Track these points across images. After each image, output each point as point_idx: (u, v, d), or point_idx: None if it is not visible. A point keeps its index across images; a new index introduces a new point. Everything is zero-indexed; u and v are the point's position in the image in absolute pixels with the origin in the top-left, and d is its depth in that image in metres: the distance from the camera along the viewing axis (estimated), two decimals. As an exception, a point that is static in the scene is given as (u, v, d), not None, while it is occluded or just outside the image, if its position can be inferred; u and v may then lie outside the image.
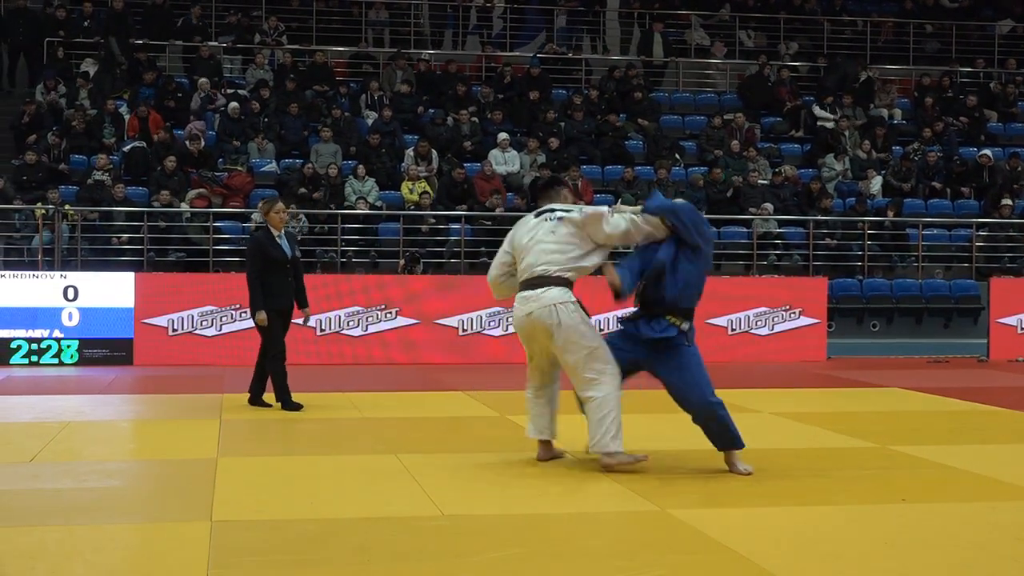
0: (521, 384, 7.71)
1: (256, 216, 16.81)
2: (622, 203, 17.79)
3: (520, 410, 8.15)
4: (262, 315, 9.97)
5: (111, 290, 14.34)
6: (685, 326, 7.12)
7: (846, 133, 20.22)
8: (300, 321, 10.51)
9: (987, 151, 20.18)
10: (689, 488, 6.82)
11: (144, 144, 17.96)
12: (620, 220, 7.11)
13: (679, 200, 7.61)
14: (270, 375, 10.20)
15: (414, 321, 14.86)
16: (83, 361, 14.17)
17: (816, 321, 15.79)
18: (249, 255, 10.22)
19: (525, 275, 7.18)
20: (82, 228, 16.09)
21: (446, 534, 5.79)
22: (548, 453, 7.51)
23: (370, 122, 19.29)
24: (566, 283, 7.11)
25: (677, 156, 19.64)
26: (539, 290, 7.06)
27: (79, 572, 5.11)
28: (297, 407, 10.09)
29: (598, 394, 7.01)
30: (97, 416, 10.08)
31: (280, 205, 10.25)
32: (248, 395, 10.43)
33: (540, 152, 18.81)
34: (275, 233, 10.10)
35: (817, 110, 20.76)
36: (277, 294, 10.09)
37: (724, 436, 7.23)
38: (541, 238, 7.15)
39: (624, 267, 7.23)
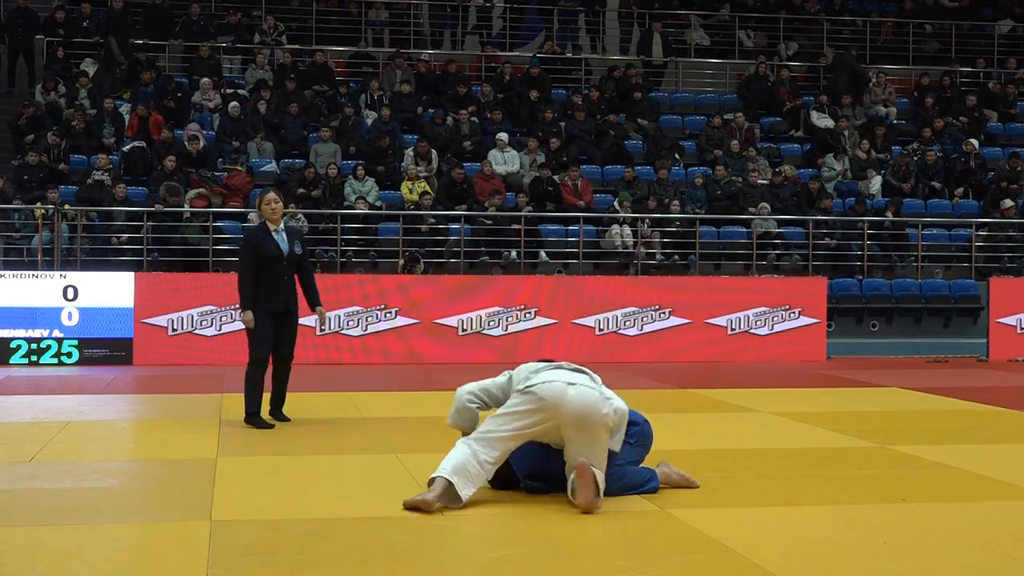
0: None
1: (253, 216, 16.84)
2: (618, 202, 17.83)
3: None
4: (248, 315, 9.05)
5: (111, 290, 14.33)
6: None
7: (845, 133, 20.22)
8: (314, 320, 9.50)
9: (973, 140, 20.19)
10: (685, 488, 6.81)
11: (144, 144, 17.97)
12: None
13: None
14: (245, 381, 9.27)
15: (414, 321, 14.86)
16: (83, 361, 14.17)
17: (816, 321, 15.79)
18: (240, 250, 9.37)
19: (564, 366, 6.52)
20: (82, 228, 16.10)
21: (446, 534, 5.79)
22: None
23: (370, 122, 19.28)
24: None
25: (677, 156, 19.65)
26: (588, 376, 6.40)
27: (79, 572, 5.10)
28: (266, 425, 9.19)
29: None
30: (97, 416, 10.08)
31: (271, 196, 9.24)
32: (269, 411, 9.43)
33: (540, 152, 18.81)
34: (271, 228, 9.17)
35: (815, 115, 20.73)
36: (268, 293, 9.12)
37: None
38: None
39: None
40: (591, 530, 5.89)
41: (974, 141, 20.24)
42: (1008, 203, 18.76)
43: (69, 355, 14.16)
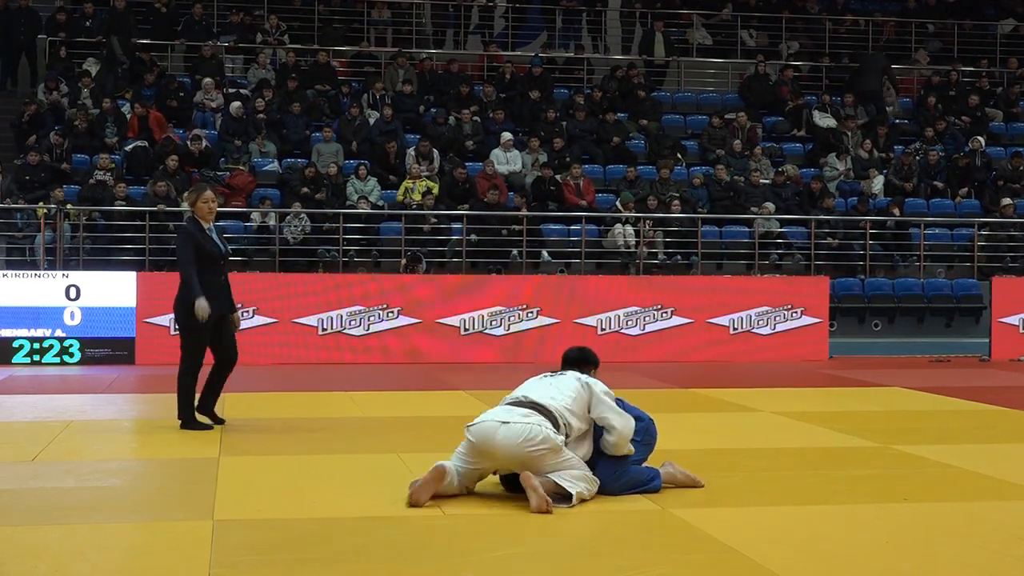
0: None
1: (255, 215, 16.85)
2: (621, 202, 17.82)
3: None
4: (203, 303, 8.61)
5: (113, 289, 14.35)
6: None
7: (849, 133, 20.21)
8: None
9: (979, 138, 20.18)
10: (690, 487, 6.81)
11: (146, 143, 17.97)
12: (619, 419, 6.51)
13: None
14: (178, 387, 9.04)
15: (415, 320, 14.87)
16: (85, 360, 14.18)
17: (818, 320, 15.79)
18: (180, 244, 8.89)
19: (515, 397, 6.56)
20: (84, 227, 16.11)
21: (447, 533, 5.79)
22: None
23: (372, 121, 19.29)
24: (556, 424, 6.35)
25: (679, 155, 19.63)
26: (525, 409, 6.38)
27: (81, 571, 5.11)
28: (206, 426, 8.99)
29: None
30: (99, 415, 10.09)
31: (208, 194, 8.88)
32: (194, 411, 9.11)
33: (542, 151, 18.81)
34: (205, 226, 8.84)
35: (817, 115, 20.69)
36: (211, 295, 8.73)
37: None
38: (552, 383, 6.65)
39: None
40: (591, 530, 5.89)
41: (981, 139, 20.21)
42: (1007, 201, 18.74)
43: (71, 355, 14.17)
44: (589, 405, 6.52)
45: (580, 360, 6.94)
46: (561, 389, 6.54)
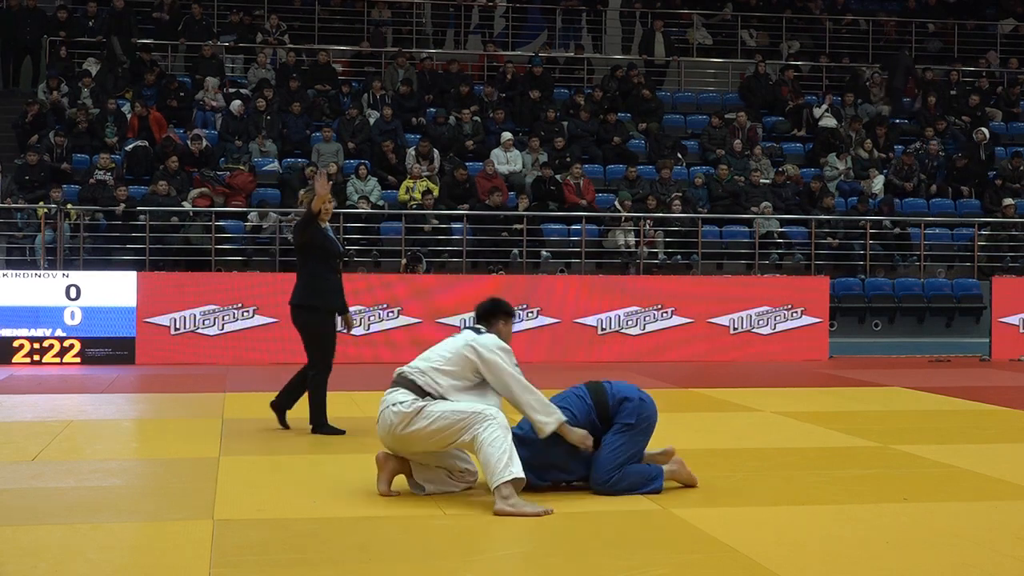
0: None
1: (253, 216, 16.84)
2: (619, 201, 17.83)
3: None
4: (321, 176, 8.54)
5: (113, 289, 14.34)
6: None
7: (852, 133, 20.20)
8: (343, 329, 9.14)
9: (983, 129, 20.17)
10: (690, 487, 6.81)
11: (146, 143, 17.98)
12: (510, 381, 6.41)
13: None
14: (310, 391, 8.83)
15: (416, 320, 14.87)
16: (85, 360, 14.17)
17: (818, 320, 15.79)
18: (303, 219, 8.75)
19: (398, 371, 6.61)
20: (84, 227, 16.12)
21: (448, 533, 5.79)
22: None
23: (372, 121, 19.29)
24: (419, 391, 6.40)
25: (679, 155, 19.64)
26: (391, 392, 6.49)
27: (81, 571, 5.11)
28: (339, 431, 8.79)
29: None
30: (99, 415, 10.09)
31: (329, 194, 8.73)
32: (275, 409, 9.07)
33: (542, 151, 18.82)
34: (321, 225, 8.74)
35: (818, 114, 20.70)
36: (331, 292, 8.73)
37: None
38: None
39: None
40: (592, 530, 5.89)
41: (985, 130, 20.18)
42: (1008, 201, 18.75)
43: (72, 354, 14.17)
44: (478, 370, 6.49)
45: (492, 310, 6.81)
46: (440, 351, 6.61)
